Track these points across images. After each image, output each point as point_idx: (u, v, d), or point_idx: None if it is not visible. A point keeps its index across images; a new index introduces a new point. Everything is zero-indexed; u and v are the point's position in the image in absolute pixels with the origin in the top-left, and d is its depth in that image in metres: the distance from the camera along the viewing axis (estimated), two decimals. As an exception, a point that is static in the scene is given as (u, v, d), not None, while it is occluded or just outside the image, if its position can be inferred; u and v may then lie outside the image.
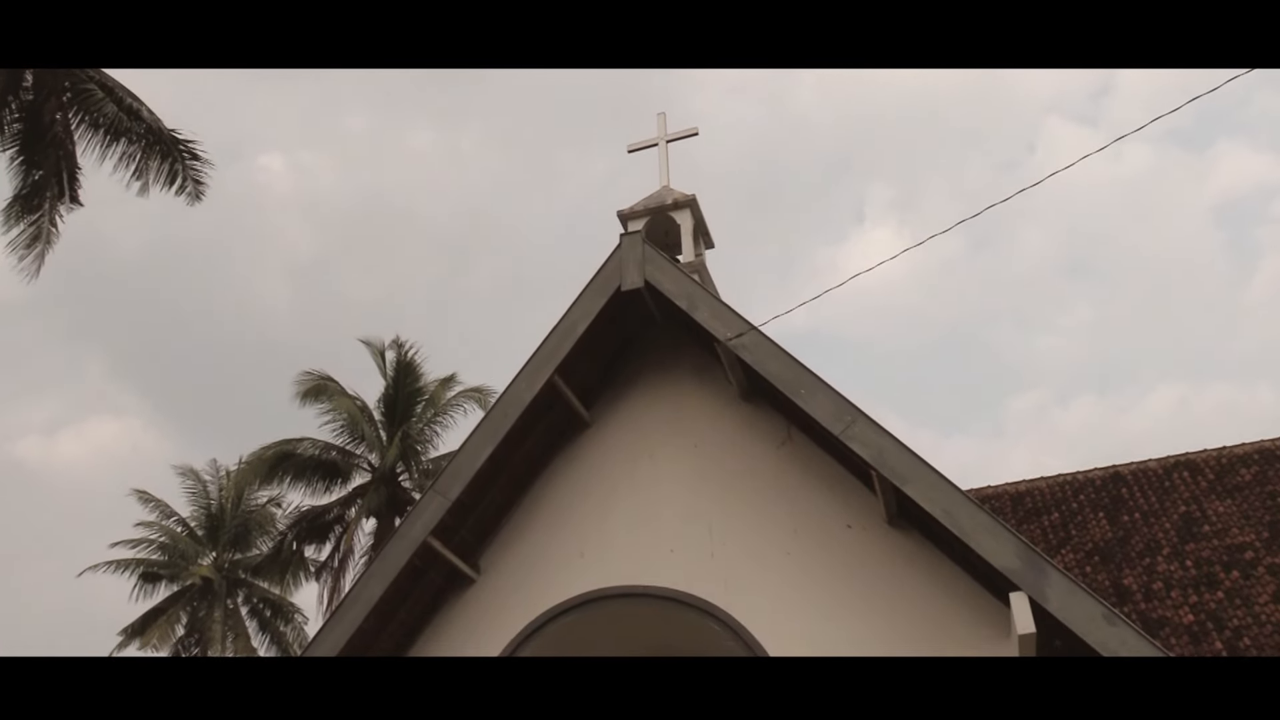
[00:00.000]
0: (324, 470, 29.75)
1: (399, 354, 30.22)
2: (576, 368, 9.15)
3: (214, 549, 35.78)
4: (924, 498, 7.34)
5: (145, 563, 35.33)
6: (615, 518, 8.86)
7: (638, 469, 9.05)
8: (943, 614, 7.66)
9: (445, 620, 8.97)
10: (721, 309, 8.53)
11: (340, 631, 8.40)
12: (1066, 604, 6.80)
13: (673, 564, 8.22)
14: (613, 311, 9.07)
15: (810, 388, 8.01)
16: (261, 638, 35.34)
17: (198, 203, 18.70)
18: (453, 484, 8.70)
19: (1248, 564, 12.93)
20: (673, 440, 9.07)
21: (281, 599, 34.80)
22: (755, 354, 8.29)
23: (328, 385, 29.68)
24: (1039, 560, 6.97)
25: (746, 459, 8.76)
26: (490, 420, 8.92)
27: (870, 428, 7.69)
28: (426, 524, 8.60)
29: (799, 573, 8.12)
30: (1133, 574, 13.34)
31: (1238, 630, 11.77)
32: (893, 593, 7.84)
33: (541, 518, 9.15)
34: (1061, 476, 16.52)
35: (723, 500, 8.62)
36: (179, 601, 34.79)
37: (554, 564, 8.80)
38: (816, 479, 8.46)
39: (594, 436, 9.38)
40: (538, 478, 9.33)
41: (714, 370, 9.12)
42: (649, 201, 10.14)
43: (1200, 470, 15.50)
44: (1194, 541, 13.70)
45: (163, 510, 35.91)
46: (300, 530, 30.44)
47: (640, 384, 9.47)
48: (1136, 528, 14.38)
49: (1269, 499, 14.22)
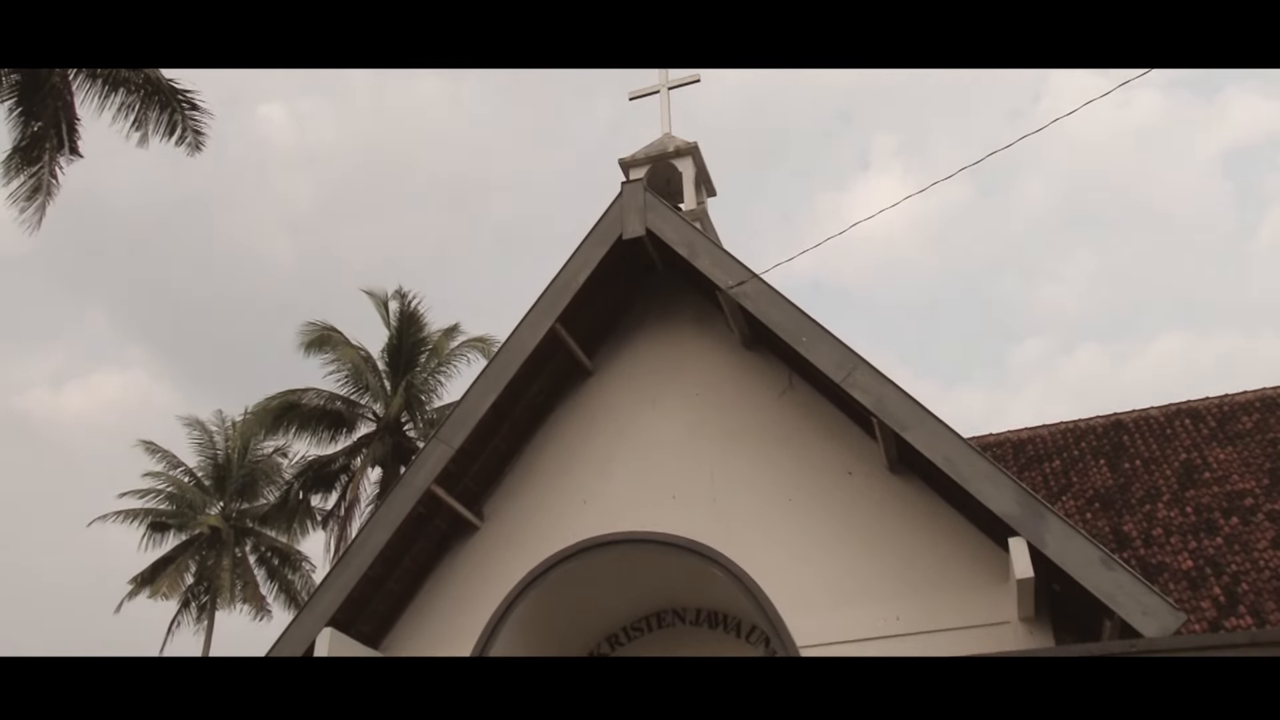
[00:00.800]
0: (329, 420, 29.88)
1: (402, 304, 30.20)
2: (578, 316, 9.15)
3: (221, 499, 36.06)
4: (924, 444, 7.37)
5: (153, 512, 35.64)
6: (617, 465, 8.92)
7: (640, 417, 9.08)
8: (942, 559, 7.72)
9: (449, 567, 9.07)
10: (723, 257, 8.51)
11: (347, 578, 8.49)
12: (1065, 549, 6.84)
13: (674, 510, 8.28)
14: (614, 260, 9.06)
15: (812, 335, 8.01)
16: (270, 586, 35.72)
17: (198, 153, 18.64)
18: (456, 432, 8.75)
19: (1247, 510, 13.00)
20: (674, 388, 9.10)
21: (289, 547, 35.12)
22: (757, 302, 8.29)
23: (331, 336, 29.71)
24: (1038, 506, 7.01)
25: (748, 407, 8.79)
26: (493, 369, 8.94)
27: (871, 375, 7.71)
28: (430, 472, 8.66)
29: (800, 519, 8.17)
30: (1133, 520, 13.42)
31: (1236, 576, 11.86)
32: (893, 538, 7.90)
33: (544, 465, 9.21)
34: (1063, 424, 16.57)
35: (724, 447, 8.66)
36: (188, 550, 35.13)
37: (557, 511, 8.87)
38: (818, 426, 8.49)
39: (596, 385, 9.41)
40: (540, 426, 9.38)
41: (716, 318, 9.12)
42: (650, 149, 10.08)
43: (1202, 418, 15.53)
44: (1194, 488, 13.77)
45: (170, 461, 36.15)
46: (306, 480, 30.64)
47: (642, 332, 9.48)
48: (1137, 475, 14.45)
49: (1270, 446, 14.25)
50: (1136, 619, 6.50)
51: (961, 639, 7.22)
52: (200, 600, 35.52)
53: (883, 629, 7.46)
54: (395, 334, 30.03)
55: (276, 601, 35.53)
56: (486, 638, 7.18)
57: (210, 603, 35.09)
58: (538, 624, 7.44)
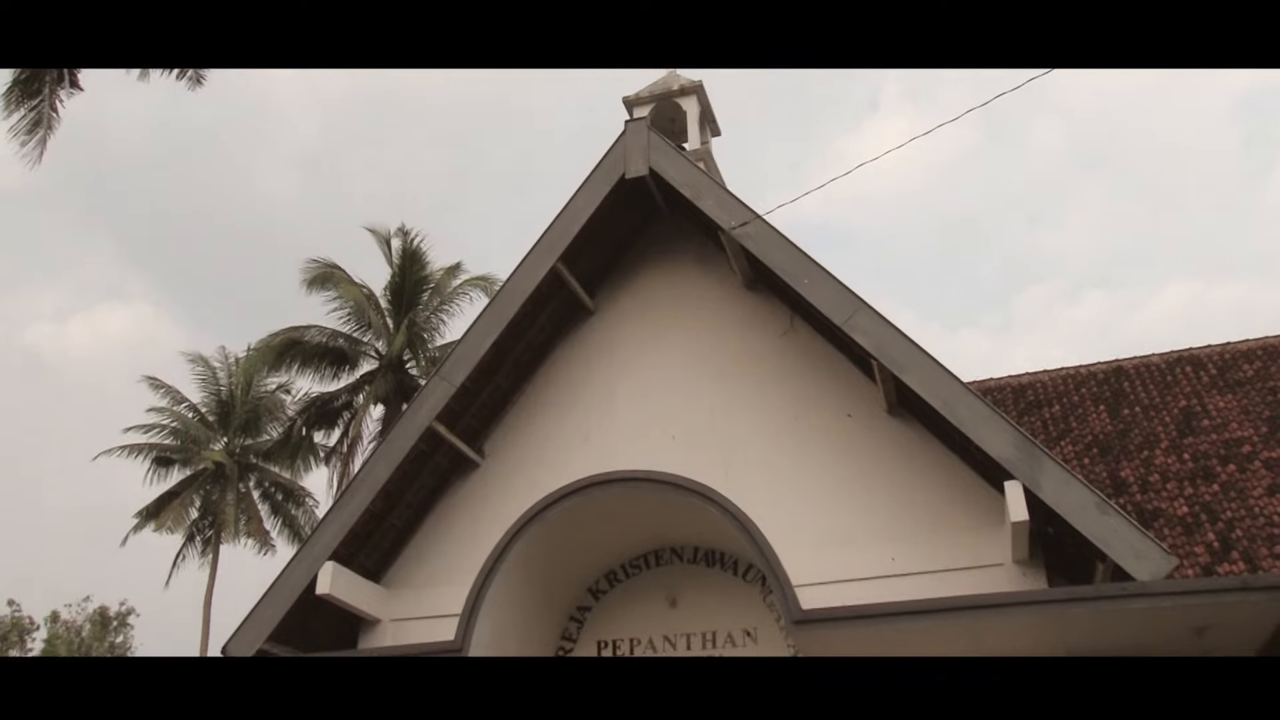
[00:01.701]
0: (332, 357, 29.93)
1: (405, 242, 30.09)
2: (580, 256, 9.14)
3: (225, 434, 36.26)
4: (923, 387, 7.39)
5: (158, 447, 35.87)
6: (618, 404, 8.96)
7: (641, 356, 9.11)
8: (939, 502, 7.78)
9: (451, 503, 9.16)
10: (726, 197, 8.47)
11: (349, 513, 8.57)
12: (1060, 493, 6.89)
13: (674, 449, 8.33)
14: (617, 200, 9.01)
15: (814, 277, 8.00)
16: (273, 520, 36.05)
17: (199, 88, 18.44)
18: (457, 370, 8.78)
19: (1245, 458, 13.05)
20: (676, 328, 9.11)
21: (292, 483, 35.37)
22: (759, 243, 8.26)
23: (334, 273, 29.65)
24: (1035, 450, 7.05)
25: (749, 347, 8.81)
26: (494, 307, 8.94)
27: (872, 318, 7.71)
28: (432, 409, 8.70)
29: (799, 459, 8.23)
30: (1130, 466, 13.48)
31: (1230, 522, 11.94)
32: (890, 480, 7.96)
33: (545, 403, 9.25)
34: (1064, 370, 16.58)
35: (724, 388, 8.69)
36: (192, 485, 35.41)
37: (557, 449, 8.93)
38: (818, 368, 8.51)
39: (597, 324, 9.42)
40: (542, 364, 9.41)
41: (718, 259, 9.11)
42: (655, 87, 9.99)
43: (1203, 365, 15.55)
44: (1193, 435, 13.81)
45: (173, 396, 36.29)
46: (309, 416, 30.76)
47: (644, 272, 9.47)
48: (1136, 421, 14.49)
49: (1270, 394, 14.28)
50: (1129, 562, 6.57)
51: (955, 580, 7.31)
52: (205, 534, 35.89)
53: (878, 569, 7.55)
54: (398, 272, 29.96)
55: (280, 536, 35.90)
56: (486, 573, 7.26)
57: (215, 537, 35.47)
58: (537, 560, 7.53)
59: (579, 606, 8.18)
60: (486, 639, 7.13)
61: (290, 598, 8.39)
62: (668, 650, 7.82)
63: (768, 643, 7.58)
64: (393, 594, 8.89)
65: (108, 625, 41.50)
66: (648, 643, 7.89)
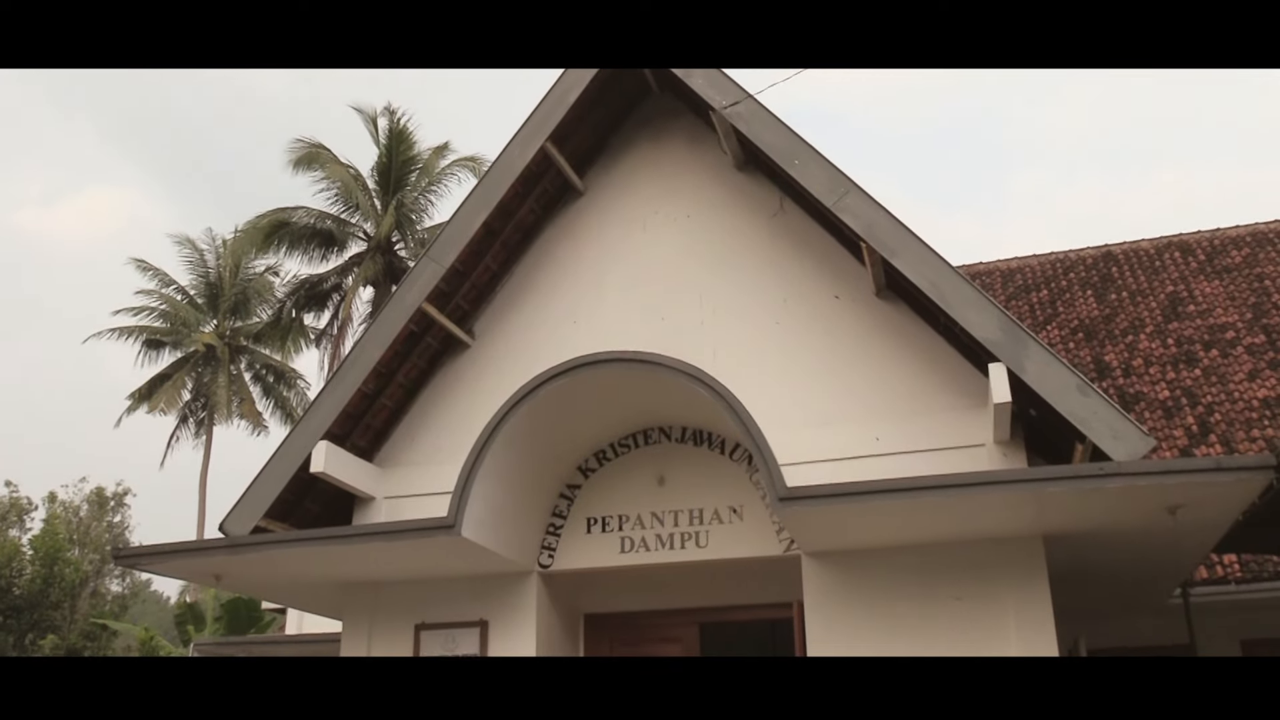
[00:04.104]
0: (320, 239, 29.77)
1: (391, 121, 29.65)
2: (570, 136, 9.03)
3: (214, 316, 36.24)
4: (911, 270, 7.42)
5: (148, 330, 35.89)
6: (607, 285, 8.98)
7: (630, 238, 9.09)
8: (924, 383, 7.88)
9: (442, 384, 9.24)
10: (718, 77, 8.33)
11: (341, 393, 8.65)
12: (1043, 375, 6.99)
13: (663, 331, 8.39)
14: (607, 79, 8.87)
15: (804, 158, 7.95)
16: (265, 402, 36.36)
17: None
18: (447, 251, 8.76)
19: (1228, 343, 13.21)
20: (666, 209, 9.07)
21: (283, 365, 35.58)
22: (750, 123, 8.17)
23: (320, 153, 29.26)
24: (1019, 333, 7.12)
25: (738, 229, 8.79)
26: (483, 188, 8.88)
27: (862, 200, 7.69)
28: (422, 290, 8.71)
29: (787, 341, 8.30)
30: (1114, 351, 13.64)
31: (1210, 406, 12.15)
32: (877, 361, 8.05)
33: (535, 285, 9.27)
34: (1053, 254, 16.62)
35: (714, 269, 8.71)
36: (183, 367, 35.57)
37: (547, 330, 8.99)
38: (807, 250, 8.52)
39: (587, 205, 9.37)
40: (531, 245, 9.39)
41: (709, 139, 9.02)
42: (646, -39, 9.72)
43: (1192, 251, 15.58)
44: (1178, 320, 13.94)
45: (162, 279, 36.19)
46: (299, 298, 30.76)
47: (634, 152, 9.38)
48: (1123, 306, 14.60)
49: (1256, 281, 14.37)
50: (1107, 443, 6.71)
51: (938, 460, 7.46)
52: (198, 416, 36.20)
53: (862, 449, 7.69)
54: (385, 152, 29.60)
55: (273, 417, 36.25)
56: (478, 452, 7.37)
57: (208, 418, 35.79)
58: (528, 439, 7.64)
59: (569, 485, 8.34)
60: (478, 515, 7.29)
61: (285, 477, 8.53)
62: (655, 526, 8.00)
63: (753, 520, 7.76)
64: (386, 472, 9.04)
65: (105, 505, 42.14)
66: (636, 519, 8.07)
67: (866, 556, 7.23)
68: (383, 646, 8.28)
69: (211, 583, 8.68)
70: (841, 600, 7.21)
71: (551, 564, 8.18)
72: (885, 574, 7.17)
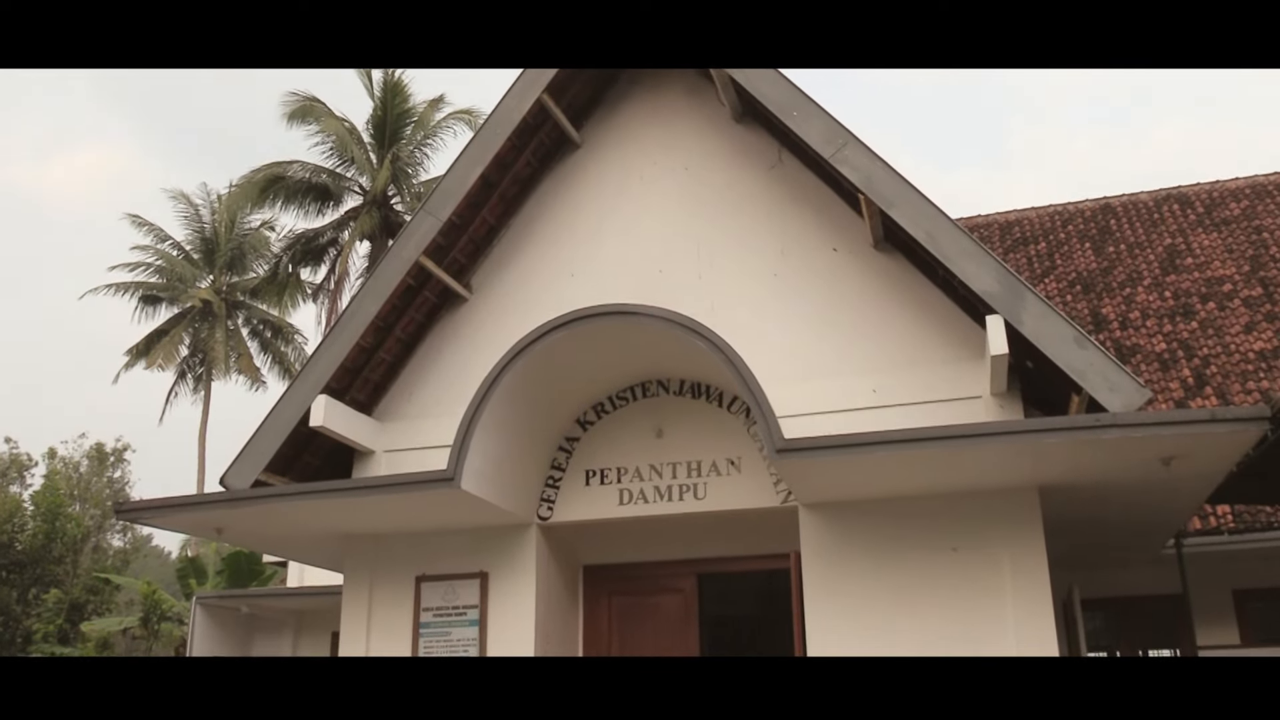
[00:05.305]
0: (315, 193, 29.62)
1: (386, 74, 29.36)
2: (566, 87, 8.97)
3: (211, 272, 36.14)
4: (909, 221, 7.41)
5: (144, 285, 35.78)
6: (605, 238, 8.96)
7: (628, 189, 9.05)
8: (922, 335, 7.89)
9: (439, 337, 9.25)
10: (716, 26, 8.24)
11: (339, 347, 8.66)
12: (1039, 327, 7.00)
13: (661, 284, 8.38)
14: (604, 28, 8.78)
15: (803, 110, 7.90)
16: (263, 357, 36.37)
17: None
18: (443, 204, 8.73)
19: (1224, 296, 13.21)
20: (663, 161, 9.02)
21: (281, 320, 35.56)
22: (748, 75, 8.11)
23: (314, 106, 29.03)
24: (1016, 285, 7.12)
25: (736, 181, 8.75)
26: (479, 140, 8.82)
27: (861, 151, 7.65)
28: (419, 244, 8.69)
29: (785, 293, 8.30)
30: (1112, 303, 13.66)
31: (1206, 359, 12.19)
32: (875, 314, 8.05)
33: (532, 238, 9.24)
34: (1052, 207, 16.57)
35: (712, 221, 8.68)
36: (180, 323, 35.53)
37: (544, 283, 8.98)
38: (805, 202, 8.49)
39: (584, 157, 9.32)
40: (528, 198, 9.35)
41: (707, 91, 8.96)
42: (643, -92, 9.59)
43: (1190, 203, 15.54)
44: (1175, 273, 13.94)
45: (157, 234, 36.03)
46: (295, 253, 30.66)
47: (631, 104, 9.31)
48: (1121, 259, 14.59)
49: (1254, 233, 14.34)
50: (1103, 394, 6.73)
51: (935, 411, 7.49)
52: (196, 371, 36.22)
53: (859, 401, 7.72)
54: (380, 105, 29.37)
55: (270, 372, 36.28)
56: (477, 405, 7.39)
57: (206, 373, 35.80)
58: (525, 392, 7.66)
59: (568, 437, 8.38)
60: (477, 468, 7.33)
61: (284, 431, 8.56)
62: (654, 478, 8.05)
63: (751, 472, 7.81)
64: (385, 426, 9.08)
65: (104, 461, 42.24)
66: (635, 471, 8.12)
67: (863, 508, 7.28)
68: (384, 598, 8.36)
69: (213, 536, 8.74)
70: (838, 551, 7.28)
71: (551, 516, 8.24)
72: (882, 525, 7.23)
